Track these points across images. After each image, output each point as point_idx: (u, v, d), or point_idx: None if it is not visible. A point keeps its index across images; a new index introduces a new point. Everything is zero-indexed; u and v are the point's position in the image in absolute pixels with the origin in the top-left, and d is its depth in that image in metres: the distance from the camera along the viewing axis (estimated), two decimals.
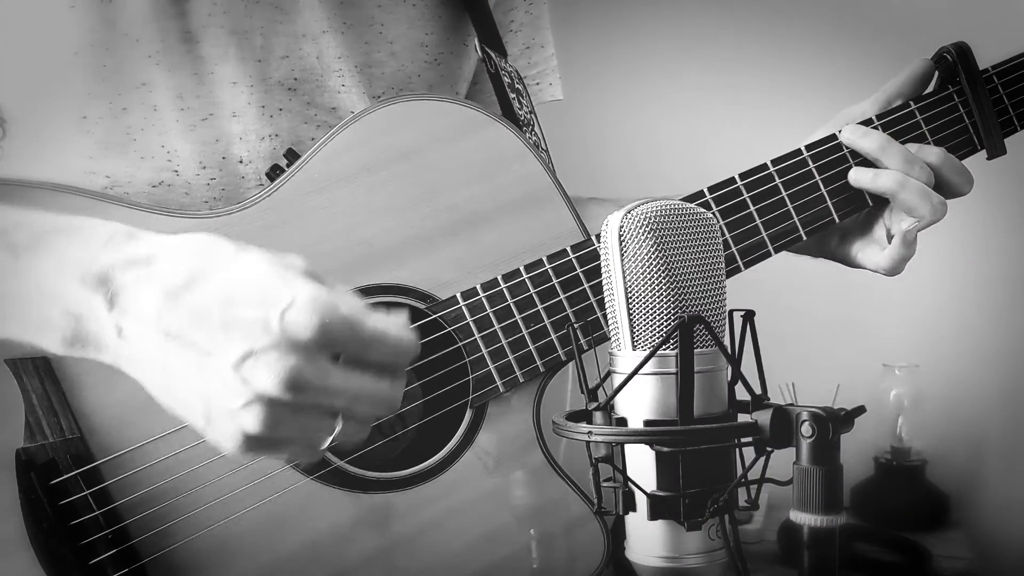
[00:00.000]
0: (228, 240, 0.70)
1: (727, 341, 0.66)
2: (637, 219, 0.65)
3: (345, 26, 0.96)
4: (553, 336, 0.92)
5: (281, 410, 0.65)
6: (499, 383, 0.91)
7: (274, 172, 0.90)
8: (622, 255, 0.66)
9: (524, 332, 0.91)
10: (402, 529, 0.89)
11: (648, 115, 2.01)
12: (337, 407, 0.67)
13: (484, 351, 0.91)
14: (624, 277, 0.66)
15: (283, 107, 0.93)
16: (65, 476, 0.80)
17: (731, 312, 0.67)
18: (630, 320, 0.66)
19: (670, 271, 0.65)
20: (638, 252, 0.65)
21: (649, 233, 0.65)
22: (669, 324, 0.64)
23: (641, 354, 0.64)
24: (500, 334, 0.91)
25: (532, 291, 0.91)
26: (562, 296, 0.92)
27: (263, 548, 0.85)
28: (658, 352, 0.64)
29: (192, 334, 0.66)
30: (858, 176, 0.97)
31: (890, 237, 0.99)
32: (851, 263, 1.03)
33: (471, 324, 0.90)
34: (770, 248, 0.96)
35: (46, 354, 0.73)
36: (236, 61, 0.91)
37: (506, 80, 1.01)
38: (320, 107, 0.95)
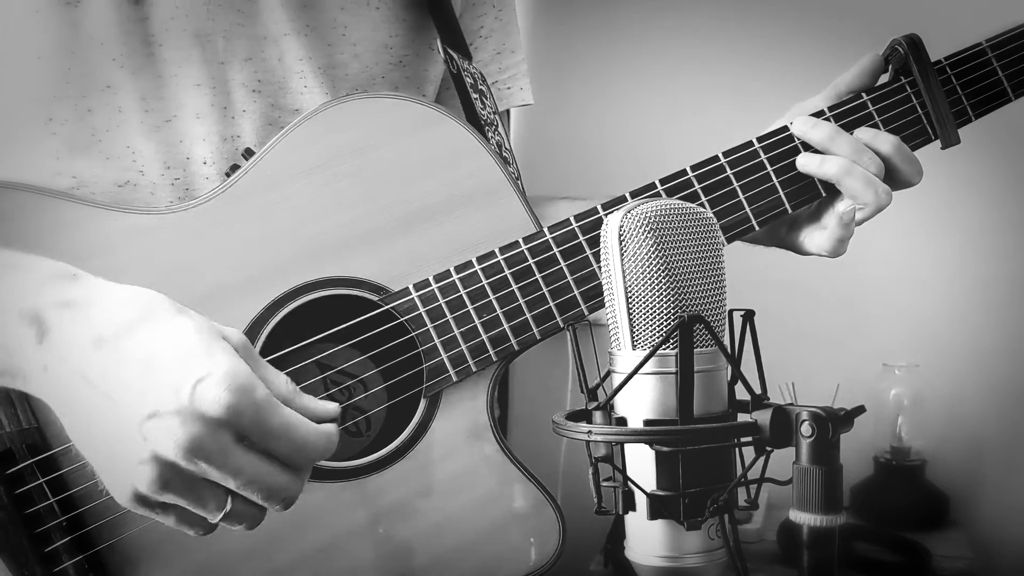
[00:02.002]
0: (169, 301, 0.71)
1: (727, 341, 0.67)
2: (637, 219, 0.65)
3: (308, 28, 0.97)
4: (506, 326, 0.93)
5: (172, 474, 0.67)
6: (451, 372, 0.92)
7: (233, 171, 0.91)
8: (622, 255, 0.66)
9: (476, 322, 0.92)
10: (356, 517, 0.90)
11: (642, 116, 2.01)
12: (229, 486, 0.68)
13: (436, 341, 0.92)
14: (624, 277, 0.66)
15: (246, 109, 0.94)
16: (21, 465, 0.82)
17: (731, 312, 0.68)
18: (630, 320, 0.66)
19: (670, 271, 0.65)
20: (638, 252, 0.65)
21: (649, 233, 0.65)
22: (669, 324, 0.64)
23: (641, 354, 0.65)
24: (452, 324, 0.92)
25: (484, 282, 0.93)
26: (514, 287, 0.93)
27: (216, 536, 0.83)
28: (658, 352, 0.64)
29: (107, 383, 0.67)
30: (805, 162, 0.98)
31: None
32: (799, 250, 1.04)
33: (423, 314, 0.92)
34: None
35: None
36: (199, 63, 0.93)
37: (468, 81, 1.02)
38: (284, 109, 0.96)
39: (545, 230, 0.94)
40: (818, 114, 0.99)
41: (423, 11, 1.04)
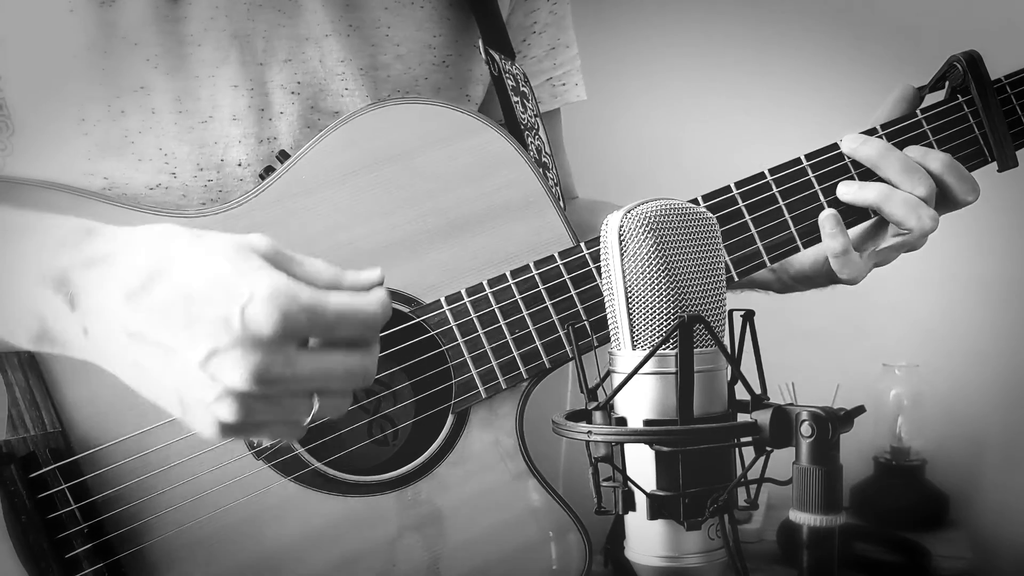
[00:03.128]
0: (185, 229, 0.70)
1: (727, 341, 0.66)
2: (637, 219, 0.65)
3: (351, 28, 0.96)
4: (538, 343, 0.90)
5: (253, 400, 0.66)
6: (481, 389, 0.90)
7: (267, 173, 0.90)
8: (622, 255, 0.66)
9: (508, 338, 0.90)
10: (378, 533, 0.89)
11: (654, 119, 2.01)
12: (310, 388, 0.68)
13: (467, 356, 0.90)
14: (624, 277, 0.66)
15: (284, 111, 0.93)
16: (44, 470, 0.81)
17: (731, 312, 0.68)
18: (630, 320, 0.66)
19: (670, 271, 0.65)
20: (638, 252, 0.65)
21: (649, 233, 0.65)
22: (669, 324, 0.64)
23: (641, 354, 0.65)
24: (483, 339, 0.90)
25: (517, 297, 0.91)
26: (548, 303, 0.91)
27: (237, 548, 0.85)
28: (658, 352, 0.64)
29: (156, 333, 0.66)
30: (845, 190, 0.95)
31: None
32: (834, 279, 1.01)
33: (454, 329, 0.90)
34: (766, 259, 0.94)
35: (18, 349, 0.74)
36: (237, 64, 0.91)
37: (509, 83, 1.00)
38: (323, 111, 0.95)
39: (582, 245, 0.92)
40: (870, 131, 0.96)
41: (466, 10, 1.02)
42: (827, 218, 0.94)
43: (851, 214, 0.95)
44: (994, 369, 1.91)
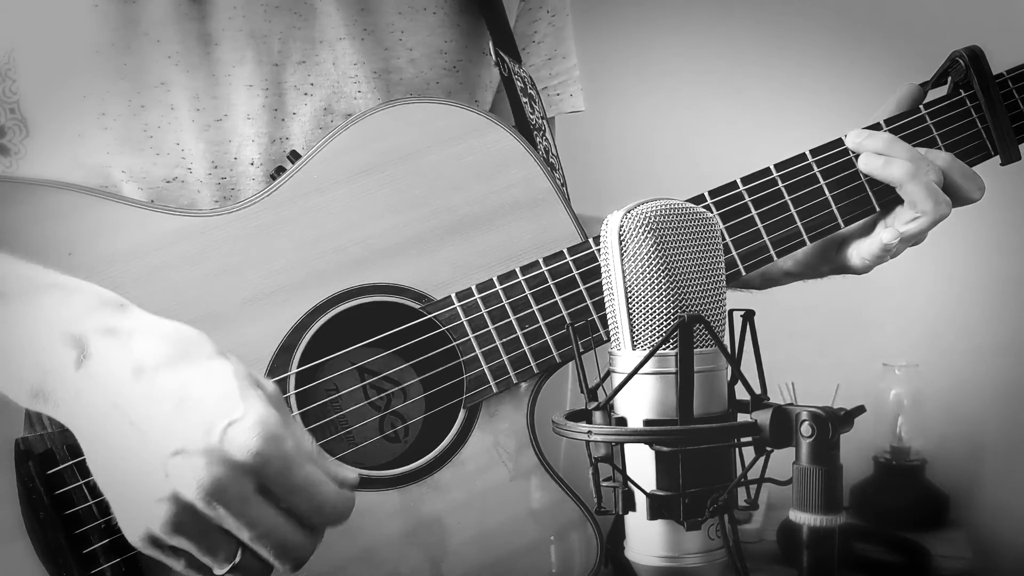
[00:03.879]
0: (211, 341, 0.71)
1: (727, 341, 0.66)
2: (637, 219, 0.65)
3: (365, 32, 0.97)
4: (548, 338, 0.91)
5: (188, 517, 0.66)
6: (492, 383, 0.91)
7: (278, 173, 0.91)
8: (622, 255, 0.66)
9: (519, 333, 0.91)
10: (391, 527, 0.89)
11: (653, 121, 2.01)
12: (243, 536, 0.67)
13: (478, 351, 0.91)
14: (624, 277, 0.66)
15: (297, 111, 0.95)
16: (62, 466, 0.82)
17: (731, 312, 0.68)
18: (630, 320, 0.66)
19: (670, 271, 0.65)
20: (638, 252, 0.65)
21: (649, 233, 0.65)
22: (669, 324, 0.64)
23: (641, 354, 0.65)
24: (494, 335, 0.91)
25: (527, 292, 0.91)
26: (558, 298, 0.92)
27: None
28: (658, 352, 0.64)
29: (139, 414, 0.67)
30: (868, 162, 0.95)
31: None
32: (846, 269, 1.02)
33: (465, 324, 0.90)
34: (772, 253, 0.95)
35: (12, 404, 0.74)
36: (253, 64, 0.93)
37: (519, 84, 1.02)
38: (335, 112, 0.96)
39: (590, 241, 0.93)
40: (874, 127, 0.97)
41: (477, 16, 1.04)
42: (911, 230, 0.94)
43: (855, 208, 0.96)
44: (994, 369, 1.91)
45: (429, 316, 0.90)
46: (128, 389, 0.67)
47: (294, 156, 0.91)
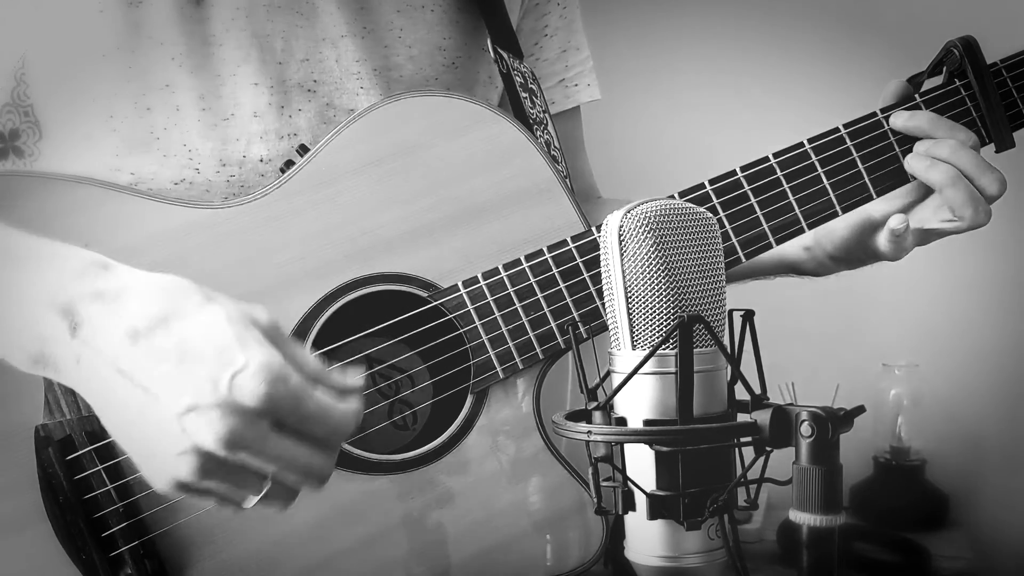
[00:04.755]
0: (198, 288, 0.72)
1: (727, 341, 0.67)
2: (636, 219, 0.65)
3: (364, 31, 0.99)
4: (552, 324, 0.93)
5: (213, 464, 0.67)
6: (499, 369, 0.92)
7: (288, 167, 0.93)
8: (622, 255, 0.66)
9: (524, 320, 0.93)
10: (402, 511, 0.91)
11: (654, 115, 2.01)
12: (267, 471, 0.69)
13: (484, 338, 0.92)
14: (624, 277, 0.66)
15: (302, 108, 0.96)
16: (80, 452, 0.84)
17: (731, 312, 0.68)
18: (630, 320, 0.66)
19: (669, 271, 0.65)
20: (638, 252, 0.65)
21: (648, 233, 0.65)
22: (669, 324, 0.64)
23: (641, 354, 0.65)
24: (500, 322, 0.92)
25: (532, 280, 0.93)
26: (562, 285, 0.93)
27: (268, 525, 0.87)
28: (658, 352, 0.64)
29: (144, 377, 0.68)
30: (913, 163, 0.97)
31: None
32: (877, 254, 1.02)
33: (472, 312, 0.92)
34: (771, 240, 0.96)
35: (16, 370, 0.75)
36: (257, 63, 0.94)
37: (518, 80, 1.03)
38: (339, 108, 0.97)
39: (593, 229, 0.94)
40: (871, 115, 0.99)
41: (475, 13, 1.05)
42: (900, 227, 0.96)
43: (852, 195, 0.98)
44: (994, 369, 1.91)
45: (436, 304, 0.92)
46: (126, 353, 0.68)
47: (303, 150, 0.93)
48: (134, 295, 0.71)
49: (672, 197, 0.94)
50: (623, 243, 0.66)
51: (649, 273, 0.65)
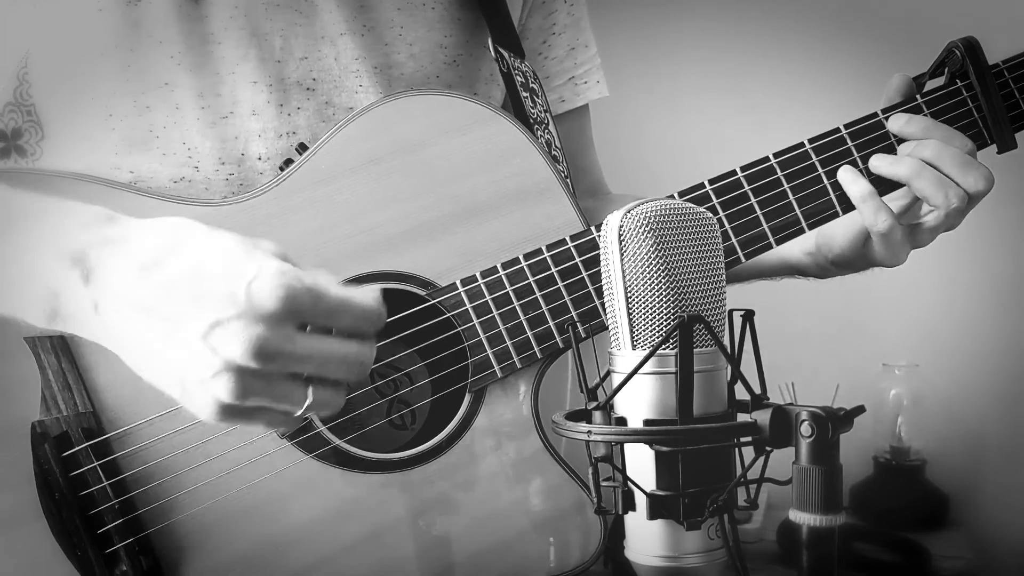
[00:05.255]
0: (201, 223, 0.73)
1: (727, 341, 0.67)
2: (636, 219, 0.65)
3: (365, 28, 0.99)
4: (551, 323, 0.93)
5: (250, 378, 0.67)
6: (496, 368, 0.92)
7: (287, 165, 0.93)
8: (622, 255, 0.66)
9: (522, 319, 0.93)
10: (399, 510, 0.91)
11: (655, 116, 2.01)
12: (306, 372, 0.69)
13: (482, 336, 0.92)
14: (624, 277, 0.66)
15: (301, 106, 0.96)
16: (77, 448, 0.84)
17: (731, 312, 0.68)
18: (630, 320, 0.66)
19: (670, 271, 0.65)
20: (638, 252, 0.65)
21: (649, 233, 0.65)
22: (669, 324, 0.64)
23: (641, 353, 0.65)
24: (498, 320, 0.92)
25: (531, 279, 0.93)
26: (560, 284, 0.93)
27: (264, 523, 0.88)
28: (658, 352, 0.64)
29: (162, 307, 0.68)
30: (878, 163, 0.97)
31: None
32: (874, 260, 1.03)
33: (470, 310, 0.92)
34: (771, 240, 0.96)
35: (33, 327, 0.76)
36: (256, 62, 0.94)
37: (519, 79, 1.03)
38: (338, 107, 0.98)
39: (592, 229, 0.95)
40: (871, 116, 0.99)
41: (476, 11, 1.06)
42: (844, 170, 0.96)
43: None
44: (994, 369, 1.91)
45: (434, 302, 0.92)
46: (141, 287, 0.69)
47: (302, 148, 0.93)
48: (140, 236, 0.72)
49: (672, 197, 0.94)
50: (623, 243, 0.66)
51: (649, 273, 0.65)
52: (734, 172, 0.96)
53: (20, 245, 0.74)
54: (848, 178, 0.96)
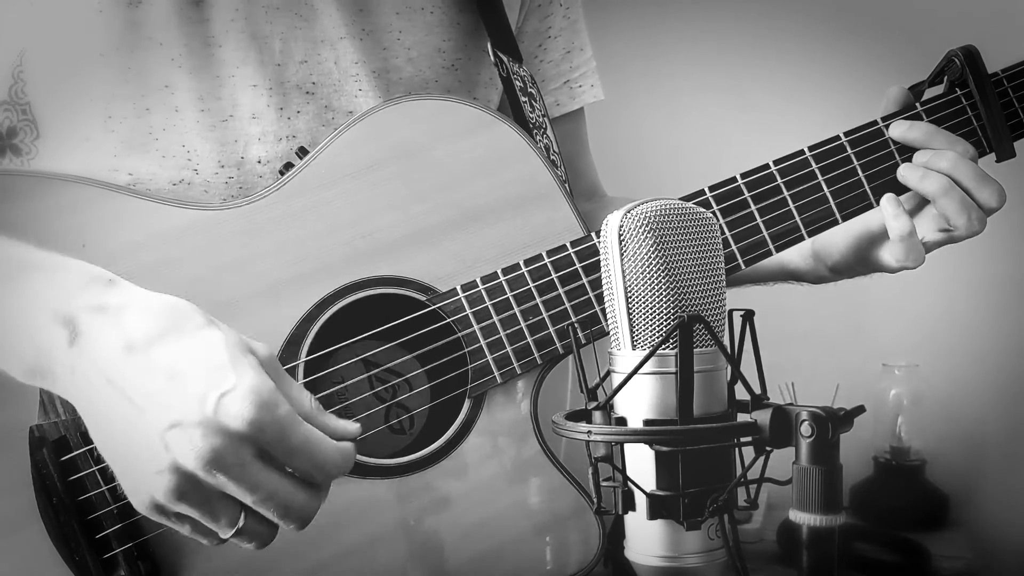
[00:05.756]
0: (202, 312, 0.72)
1: (726, 341, 0.66)
2: (636, 219, 0.65)
3: (364, 32, 0.99)
4: (551, 329, 0.93)
5: (190, 486, 0.67)
6: (496, 374, 0.92)
7: (287, 169, 0.93)
8: (622, 255, 0.66)
9: (522, 325, 0.92)
10: (398, 514, 0.91)
11: (654, 120, 2.01)
12: (246, 501, 0.69)
13: (482, 342, 0.92)
14: (624, 277, 0.66)
15: (301, 110, 0.96)
16: (75, 452, 0.84)
17: (731, 312, 0.68)
18: (630, 320, 0.66)
19: (669, 271, 0.65)
20: (638, 252, 0.65)
21: (648, 233, 0.65)
22: (669, 324, 0.64)
23: (641, 353, 0.65)
24: (498, 326, 0.92)
25: (531, 285, 0.93)
26: (561, 290, 0.93)
27: None
28: (658, 352, 0.64)
29: (133, 390, 0.68)
30: (906, 173, 0.97)
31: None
32: (881, 267, 1.02)
33: (470, 316, 0.92)
34: (771, 247, 0.96)
35: (11, 380, 0.75)
36: (256, 65, 0.94)
37: (518, 84, 1.03)
38: (337, 110, 0.97)
39: (592, 234, 0.94)
40: (871, 124, 0.98)
41: (475, 15, 1.05)
42: (888, 201, 0.96)
43: (853, 203, 0.97)
44: (994, 369, 1.91)
45: (434, 307, 0.92)
46: (121, 365, 0.68)
47: (302, 152, 0.93)
48: (136, 310, 0.71)
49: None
50: (623, 243, 0.66)
51: (649, 273, 0.65)
52: (734, 179, 0.96)
53: (16, 296, 0.74)
54: (891, 211, 0.95)
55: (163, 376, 0.67)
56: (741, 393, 0.67)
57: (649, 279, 0.65)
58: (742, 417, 0.65)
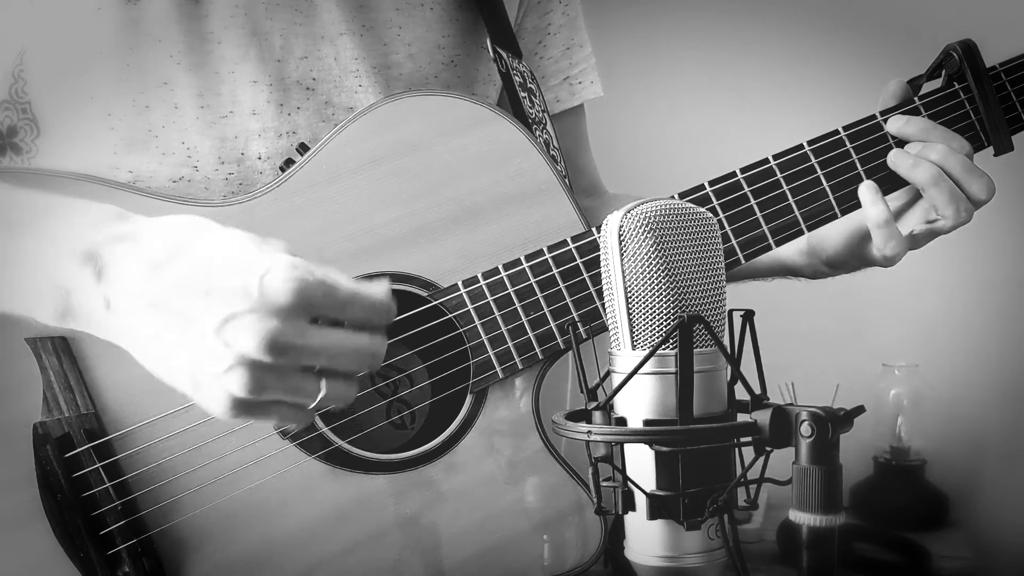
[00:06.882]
0: (212, 220, 0.73)
1: (727, 341, 0.67)
2: (637, 219, 0.65)
3: (364, 28, 0.99)
4: (552, 324, 0.93)
5: (264, 372, 0.67)
6: (498, 369, 0.93)
7: (287, 165, 0.93)
8: (622, 255, 0.66)
9: (524, 320, 0.93)
10: (401, 510, 0.91)
11: (653, 116, 2.01)
12: (319, 365, 0.69)
13: (484, 338, 0.92)
14: (624, 277, 0.66)
15: (301, 106, 0.96)
16: (79, 449, 0.84)
17: (731, 312, 0.68)
18: (630, 320, 0.66)
19: (670, 271, 0.65)
20: (638, 252, 0.65)
21: (648, 233, 0.65)
22: (669, 324, 0.64)
23: (641, 354, 0.65)
24: (500, 321, 0.93)
25: (532, 280, 0.93)
26: (562, 285, 0.93)
27: (266, 524, 0.88)
28: (658, 352, 0.64)
29: (175, 302, 0.68)
30: (896, 159, 0.97)
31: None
32: (869, 261, 1.03)
33: (472, 311, 0.92)
34: (771, 242, 0.97)
35: (43, 326, 0.76)
36: (256, 61, 0.94)
37: (517, 80, 1.03)
38: (338, 106, 0.98)
39: (593, 230, 0.95)
40: (870, 118, 0.99)
41: (474, 11, 1.06)
42: (866, 188, 0.96)
43: (853, 197, 0.98)
44: (994, 369, 1.91)
45: (436, 303, 0.92)
46: (154, 284, 0.69)
47: (303, 148, 0.93)
48: (151, 233, 0.72)
49: (672, 198, 0.94)
50: (623, 243, 0.66)
51: (649, 273, 0.65)
52: (734, 174, 0.96)
53: (30, 244, 0.75)
54: (868, 198, 0.96)
55: (199, 280, 0.68)
56: (741, 393, 0.67)
57: (649, 279, 0.65)
58: (742, 417, 0.65)
